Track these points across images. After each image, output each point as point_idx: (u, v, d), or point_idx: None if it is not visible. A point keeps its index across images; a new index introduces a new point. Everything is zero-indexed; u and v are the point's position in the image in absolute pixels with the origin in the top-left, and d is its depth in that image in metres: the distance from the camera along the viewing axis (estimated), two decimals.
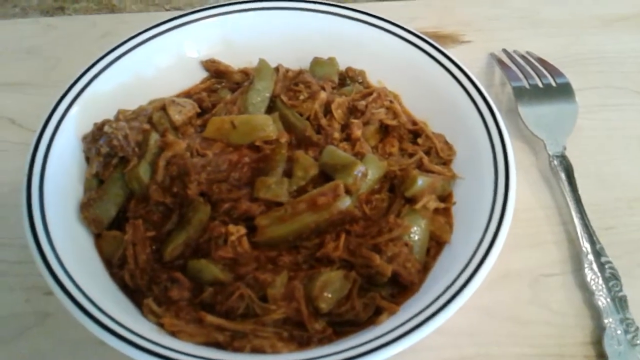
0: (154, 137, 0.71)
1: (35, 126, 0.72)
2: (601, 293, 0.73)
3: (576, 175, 0.83)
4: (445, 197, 0.73)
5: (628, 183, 0.87)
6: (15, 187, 0.73)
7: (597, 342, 0.70)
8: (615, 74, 1.01)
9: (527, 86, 0.94)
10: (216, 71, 0.85)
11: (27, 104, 0.94)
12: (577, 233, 0.78)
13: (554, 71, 0.96)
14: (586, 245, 0.77)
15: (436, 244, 0.69)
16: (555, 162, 0.85)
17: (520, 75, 0.96)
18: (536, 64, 0.98)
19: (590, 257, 0.76)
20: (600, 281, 0.73)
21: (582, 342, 0.71)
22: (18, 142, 0.88)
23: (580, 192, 0.82)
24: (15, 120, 0.92)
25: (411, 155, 0.76)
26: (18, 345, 0.70)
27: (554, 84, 0.95)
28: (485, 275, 0.60)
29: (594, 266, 0.75)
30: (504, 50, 1.03)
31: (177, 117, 0.73)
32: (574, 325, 0.73)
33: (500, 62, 1.00)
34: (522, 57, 1.01)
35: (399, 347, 0.55)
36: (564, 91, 0.94)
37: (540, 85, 0.95)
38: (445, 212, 0.71)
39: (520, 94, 0.93)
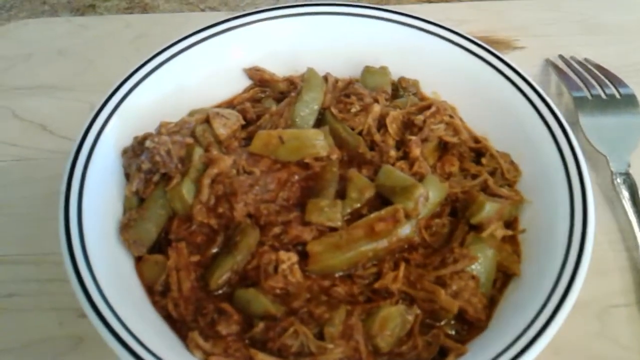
0: (198, 152, 0.66)
1: (68, 133, 0.68)
2: None
3: None
4: (511, 223, 0.67)
5: None
6: (48, 201, 0.70)
7: None
8: None
9: (589, 96, 0.88)
10: (260, 80, 0.80)
11: (59, 109, 0.90)
12: None
13: (616, 80, 0.90)
14: None
15: (502, 275, 0.64)
16: (619, 180, 0.79)
17: (581, 84, 0.90)
18: (597, 72, 0.92)
19: None
20: None
21: None
22: (50, 150, 0.84)
23: None
24: (46, 127, 0.88)
25: (474, 176, 0.70)
26: None
27: (617, 95, 0.88)
28: (567, 313, 0.55)
29: None
30: (561, 57, 0.97)
31: (222, 131, 0.68)
32: None
33: (558, 70, 0.94)
34: (581, 64, 0.94)
35: None
36: (628, 103, 0.87)
37: (604, 96, 0.88)
38: (512, 240, 0.66)
39: (582, 104, 0.87)
